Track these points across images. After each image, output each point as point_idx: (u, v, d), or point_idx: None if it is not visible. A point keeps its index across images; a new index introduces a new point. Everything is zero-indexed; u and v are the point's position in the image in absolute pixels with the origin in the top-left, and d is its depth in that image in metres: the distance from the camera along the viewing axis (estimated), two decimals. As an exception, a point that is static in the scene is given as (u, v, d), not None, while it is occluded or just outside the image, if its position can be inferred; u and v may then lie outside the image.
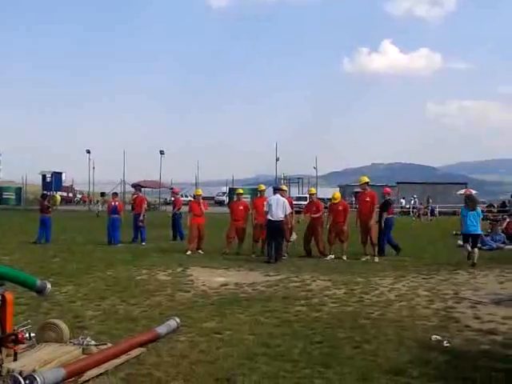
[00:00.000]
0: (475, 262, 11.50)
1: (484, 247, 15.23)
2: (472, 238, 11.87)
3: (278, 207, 12.54)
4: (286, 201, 12.92)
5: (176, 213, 18.25)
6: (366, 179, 13.27)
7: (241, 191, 15.50)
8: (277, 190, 13.69)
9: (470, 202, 12.40)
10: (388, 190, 15.22)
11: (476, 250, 11.75)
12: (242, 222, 14.24)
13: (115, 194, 17.75)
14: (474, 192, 50.52)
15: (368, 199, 12.96)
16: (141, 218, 16.71)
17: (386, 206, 13.89)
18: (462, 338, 5.80)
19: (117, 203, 16.74)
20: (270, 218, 12.51)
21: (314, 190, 15.60)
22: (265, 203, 12.99)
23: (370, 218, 12.75)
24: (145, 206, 17.63)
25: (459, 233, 19.72)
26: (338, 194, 14.03)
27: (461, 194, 47.78)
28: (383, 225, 13.48)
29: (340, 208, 13.29)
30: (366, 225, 12.82)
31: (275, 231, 12.47)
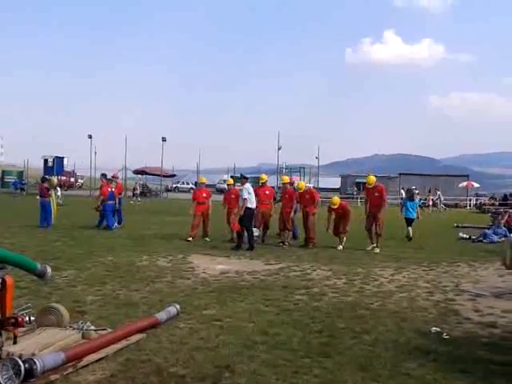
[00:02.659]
0: (411, 236, 15.00)
1: (485, 240, 15.27)
2: (409, 221, 15.40)
3: (252, 195, 12.85)
4: None
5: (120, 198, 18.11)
6: (374, 179, 13.29)
7: (231, 181, 15.25)
8: (245, 179, 13.43)
9: (410, 194, 17.34)
10: (293, 179, 17.70)
11: (410, 228, 15.19)
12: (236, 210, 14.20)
13: (110, 181, 17.72)
14: (475, 185, 50.71)
15: (377, 194, 13.10)
16: (99, 204, 16.64)
17: None
18: (462, 331, 5.80)
19: (113, 189, 16.79)
20: (251, 206, 12.70)
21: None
22: (244, 191, 12.76)
23: (379, 211, 12.88)
24: (99, 193, 17.49)
25: (460, 225, 20.02)
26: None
27: (463, 187, 47.94)
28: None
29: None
30: (374, 215, 12.99)
31: (253, 218, 13.11)
